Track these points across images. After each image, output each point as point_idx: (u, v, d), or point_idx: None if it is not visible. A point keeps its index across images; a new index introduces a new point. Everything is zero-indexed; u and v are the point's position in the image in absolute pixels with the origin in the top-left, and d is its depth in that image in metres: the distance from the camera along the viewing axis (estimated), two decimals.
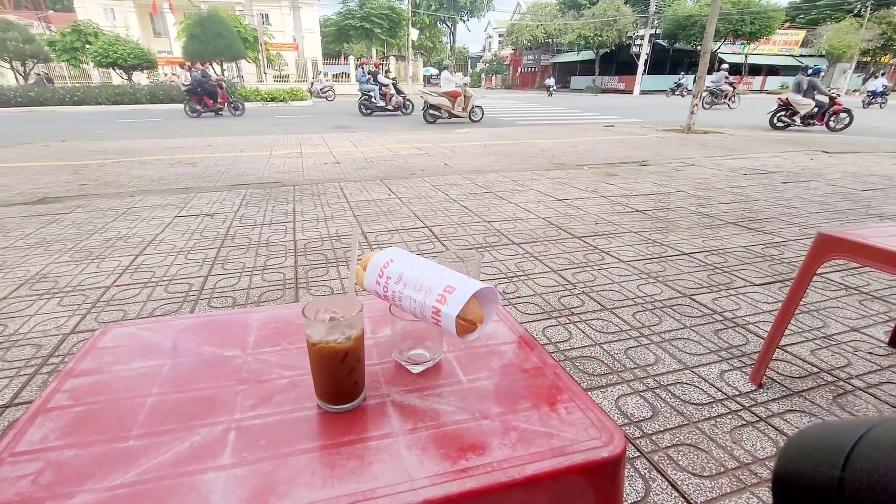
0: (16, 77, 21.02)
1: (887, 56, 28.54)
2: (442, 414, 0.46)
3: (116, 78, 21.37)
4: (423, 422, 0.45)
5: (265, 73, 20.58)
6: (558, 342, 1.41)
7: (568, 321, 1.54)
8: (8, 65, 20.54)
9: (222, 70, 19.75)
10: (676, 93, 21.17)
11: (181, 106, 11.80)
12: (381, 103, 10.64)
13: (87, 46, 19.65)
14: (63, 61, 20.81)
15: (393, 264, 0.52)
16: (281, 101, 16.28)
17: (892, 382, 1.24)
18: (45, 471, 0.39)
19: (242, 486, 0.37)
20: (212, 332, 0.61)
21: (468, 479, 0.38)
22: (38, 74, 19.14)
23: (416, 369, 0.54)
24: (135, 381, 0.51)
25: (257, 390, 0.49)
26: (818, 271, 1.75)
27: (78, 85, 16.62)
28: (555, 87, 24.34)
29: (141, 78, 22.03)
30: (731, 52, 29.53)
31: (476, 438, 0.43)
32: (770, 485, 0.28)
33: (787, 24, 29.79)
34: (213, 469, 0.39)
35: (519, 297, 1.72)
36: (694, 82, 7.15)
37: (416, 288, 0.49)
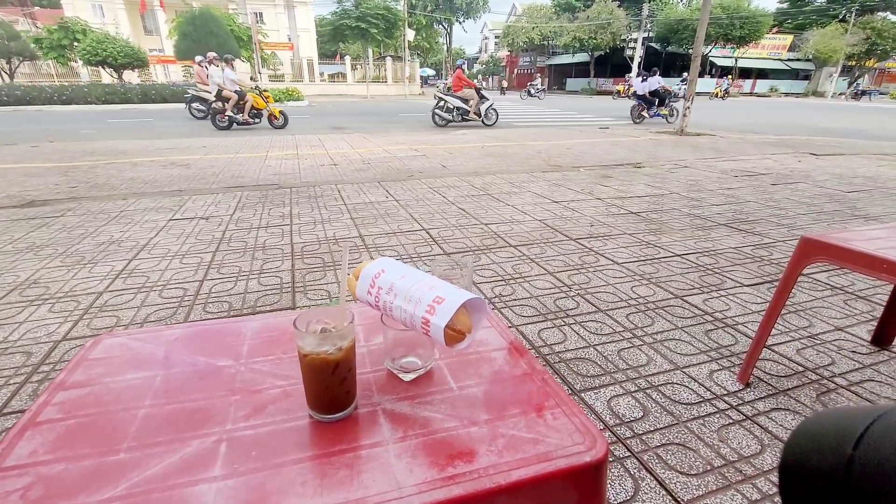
0: (0, 75, 20.67)
1: (871, 60, 29.11)
2: (432, 422, 0.47)
3: (106, 77, 21.11)
4: (413, 430, 0.46)
5: (260, 73, 20.45)
6: (553, 344, 1.43)
7: (563, 323, 1.56)
8: None
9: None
10: (859, 97, 20.23)
11: (173, 105, 11.48)
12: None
13: (76, 44, 19.37)
14: (50, 59, 20.50)
15: (384, 274, 0.53)
16: (276, 100, 16.21)
17: (873, 380, 1.27)
18: (35, 485, 0.39)
19: (233, 497, 0.38)
20: (205, 342, 0.61)
21: (455, 485, 0.39)
22: None
23: (408, 377, 0.54)
24: (126, 392, 0.51)
25: (250, 400, 0.49)
26: (805, 272, 1.79)
27: (66, 83, 16.35)
28: (541, 89, 20.32)
29: (132, 77, 21.78)
30: (722, 56, 29.92)
31: (464, 445, 0.43)
32: (777, 477, 0.27)
33: (775, 29, 30.26)
34: (204, 481, 0.39)
35: (515, 300, 1.73)
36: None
37: (406, 298, 0.50)
